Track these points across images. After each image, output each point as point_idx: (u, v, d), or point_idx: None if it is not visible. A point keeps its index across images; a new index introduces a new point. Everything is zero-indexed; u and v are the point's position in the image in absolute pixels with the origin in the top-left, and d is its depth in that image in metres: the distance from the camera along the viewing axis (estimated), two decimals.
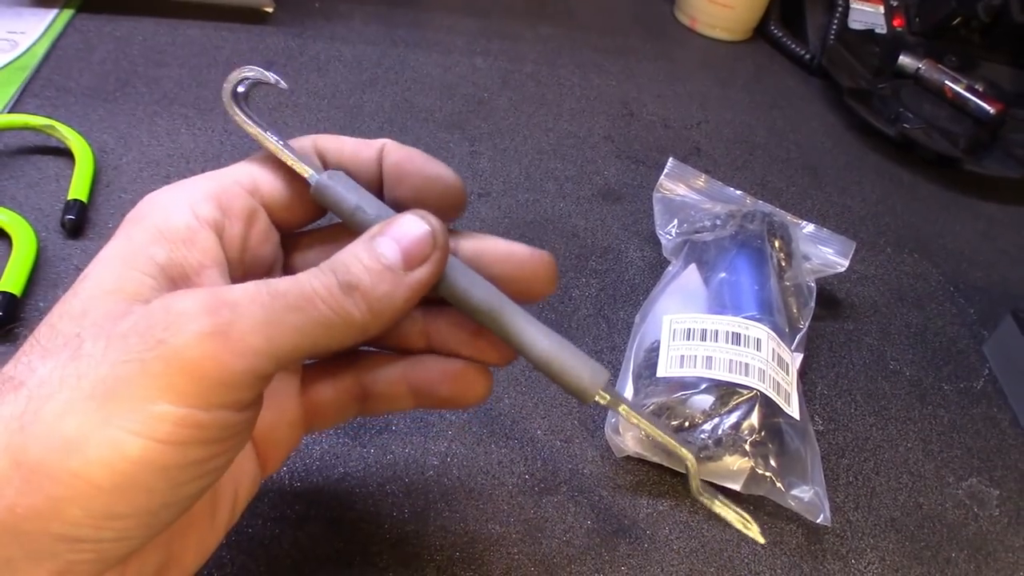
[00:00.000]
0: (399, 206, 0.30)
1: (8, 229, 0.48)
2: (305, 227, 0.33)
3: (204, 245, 0.28)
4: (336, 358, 0.34)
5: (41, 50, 0.64)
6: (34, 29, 0.66)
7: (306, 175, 0.30)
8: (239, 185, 0.30)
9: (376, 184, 0.31)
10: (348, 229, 0.30)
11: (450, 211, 0.31)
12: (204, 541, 0.29)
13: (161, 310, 0.24)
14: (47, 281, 0.47)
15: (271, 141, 0.30)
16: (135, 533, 0.24)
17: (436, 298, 0.30)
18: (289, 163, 0.30)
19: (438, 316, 0.33)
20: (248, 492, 0.31)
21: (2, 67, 0.62)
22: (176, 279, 0.27)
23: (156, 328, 0.23)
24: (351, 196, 0.29)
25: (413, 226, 0.27)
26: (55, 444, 0.22)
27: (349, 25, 0.73)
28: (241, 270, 0.30)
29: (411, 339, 0.33)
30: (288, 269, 0.33)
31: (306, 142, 0.31)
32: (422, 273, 0.27)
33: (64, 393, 0.23)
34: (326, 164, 0.32)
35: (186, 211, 0.28)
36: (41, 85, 0.61)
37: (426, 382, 0.33)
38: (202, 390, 0.23)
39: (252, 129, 0.30)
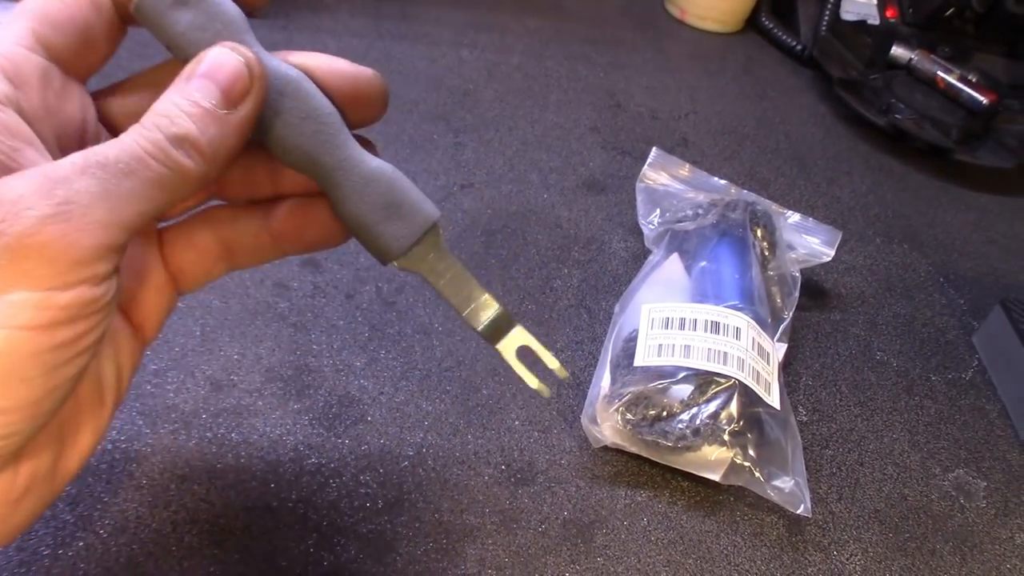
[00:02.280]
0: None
1: None
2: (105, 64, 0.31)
3: (8, 126, 0.26)
4: (191, 217, 0.33)
5: None
6: None
7: None
8: (22, 46, 0.27)
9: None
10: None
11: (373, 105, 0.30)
12: (96, 422, 0.29)
13: None
14: None
15: None
16: (21, 427, 0.24)
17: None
18: None
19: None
20: (131, 365, 0.30)
21: None
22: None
23: None
24: (175, 24, 0.27)
25: (225, 59, 0.26)
26: None
27: (335, 17, 0.73)
28: (52, 138, 0.28)
29: (260, 186, 0.32)
30: (106, 118, 0.31)
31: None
32: (246, 109, 0.26)
33: None
34: None
35: (10, 49, 0.26)
36: None
37: (287, 227, 0.32)
38: (56, 272, 0.23)
39: None
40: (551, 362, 0.32)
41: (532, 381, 0.32)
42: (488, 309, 0.31)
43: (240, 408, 0.43)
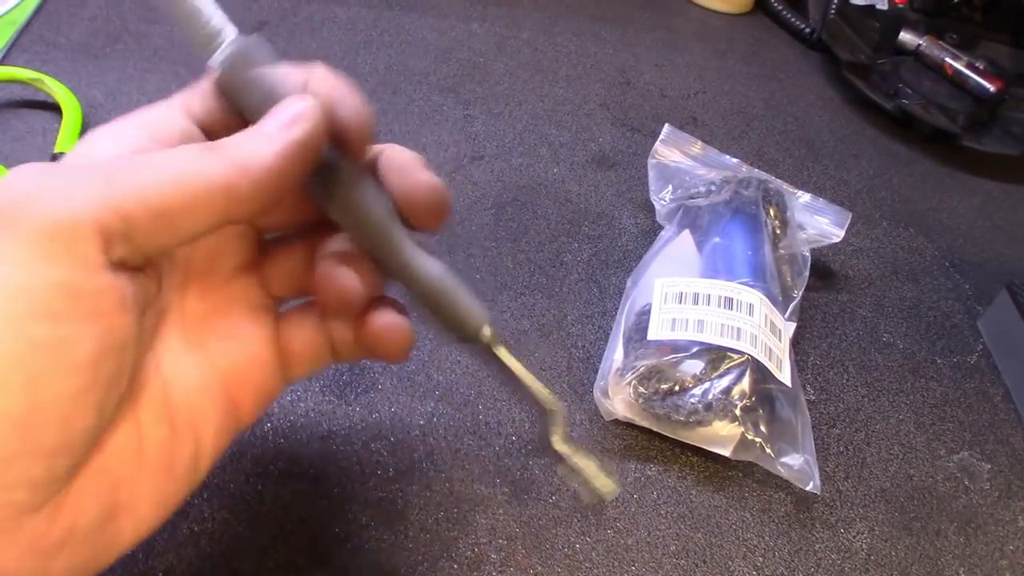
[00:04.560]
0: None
1: None
2: None
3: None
4: (308, 302, 0.33)
5: (32, 4, 0.63)
6: None
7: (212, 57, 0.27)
8: (172, 109, 0.28)
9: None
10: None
11: (356, 144, 0.29)
12: (162, 491, 0.27)
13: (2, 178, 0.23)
14: None
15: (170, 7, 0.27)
16: (12, 449, 0.21)
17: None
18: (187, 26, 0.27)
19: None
20: (216, 442, 0.29)
21: None
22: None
23: None
24: (257, 88, 0.27)
25: (292, 101, 0.26)
26: None
27: None
28: None
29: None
30: None
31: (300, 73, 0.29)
32: (295, 131, 0.25)
33: None
34: None
35: (108, 143, 0.26)
36: (30, 40, 0.60)
37: (370, 328, 0.31)
38: (28, 242, 0.21)
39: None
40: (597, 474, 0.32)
41: (594, 480, 0.32)
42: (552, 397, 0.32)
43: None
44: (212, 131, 0.28)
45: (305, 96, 0.26)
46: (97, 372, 0.23)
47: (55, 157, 0.49)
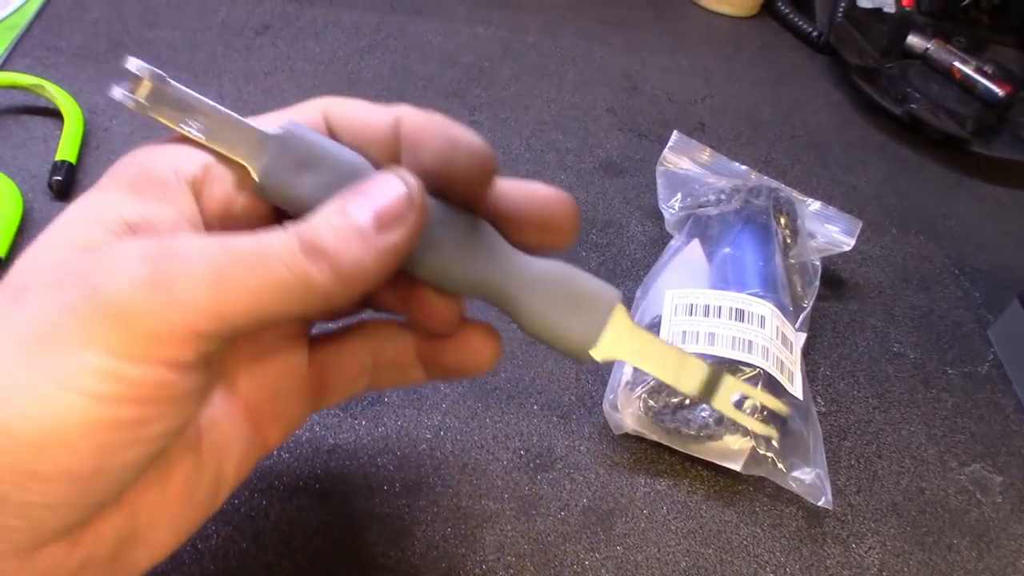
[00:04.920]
0: (419, 173, 0.26)
1: None
2: None
3: (178, 203, 0.25)
4: (344, 327, 0.32)
5: (33, 8, 0.63)
6: None
7: (249, 167, 0.26)
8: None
9: (388, 152, 0.27)
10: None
11: (479, 181, 0.27)
12: (180, 518, 0.26)
13: (104, 255, 0.22)
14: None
15: (190, 131, 0.26)
16: (64, 499, 0.22)
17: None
18: (224, 156, 0.27)
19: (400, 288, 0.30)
20: (238, 470, 0.28)
21: None
22: (139, 232, 0.24)
23: (92, 274, 0.22)
24: (302, 190, 0.26)
25: (388, 185, 0.25)
26: None
27: None
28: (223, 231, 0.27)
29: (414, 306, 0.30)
30: None
31: (314, 106, 0.28)
32: (396, 237, 0.24)
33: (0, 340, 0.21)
34: (333, 131, 0.28)
35: (166, 168, 0.26)
36: (31, 44, 0.60)
37: (433, 349, 0.31)
38: (134, 342, 0.21)
39: (174, 125, 0.27)
40: (772, 403, 0.32)
41: (757, 427, 0.31)
42: (697, 372, 0.29)
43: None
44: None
45: (400, 174, 0.25)
46: (160, 444, 0.23)
47: (56, 165, 0.49)
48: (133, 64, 0.26)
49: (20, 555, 0.22)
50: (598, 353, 0.28)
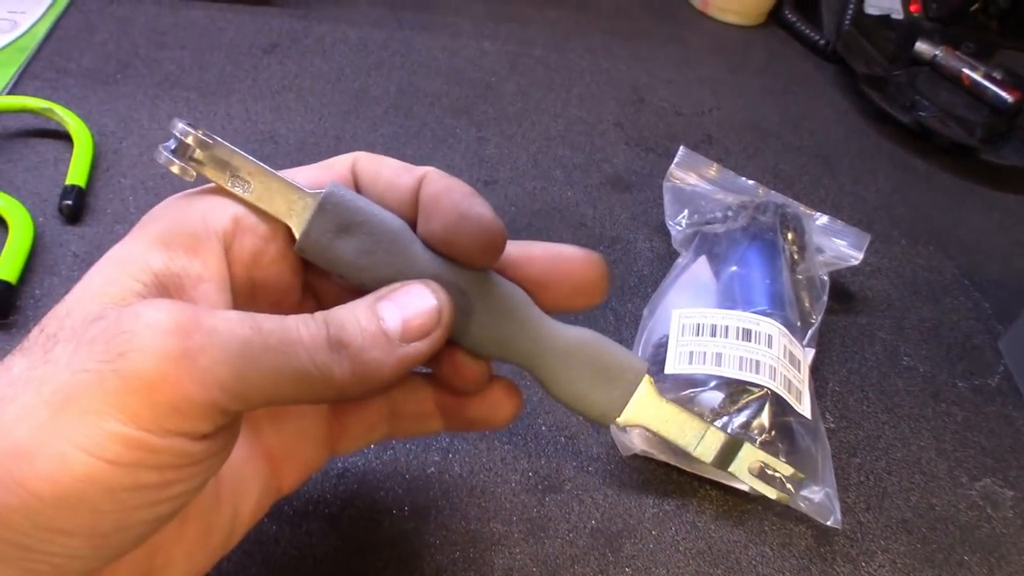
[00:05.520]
0: (429, 240, 0.28)
1: (4, 214, 0.47)
2: None
3: (207, 257, 0.26)
4: None
5: (42, 31, 0.63)
6: (35, 9, 0.65)
7: (291, 226, 0.27)
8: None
9: (410, 212, 0.29)
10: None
11: (483, 254, 0.28)
12: (195, 558, 0.27)
13: (131, 318, 0.22)
14: (44, 268, 0.46)
15: (236, 191, 0.27)
16: (85, 552, 0.22)
17: None
18: (267, 215, 0.27)
19: None
20: (253, 512, 0.29)
21: (2, 48, 0.61)
22: (170, 288, 0.25)
23: (121, 338, 0.22)
24: (342, 254, 0.27)
25: (421, 298, 0.26)
26: (5, 449, 0.21)
27: (354, 7, 0.72)
28: (249, 288, 0.28)
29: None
30: (310, 296, 0.31)
31: (345, 161, 0.29)
32: (417, 348, 0.26)
33: (25, 397, 0.22)
34: (359, 187, 0.29)
35: (196, 219, 0.26)
36: (41, 66, 0.60)
37: (454, 401, 0.32)
38: (156, 414, 0.22)
39: (220, 184, 0.27)
40: (786, 470, 0.33)
41: (772, 493, 0.33)
42: (714, 440, 0.31)
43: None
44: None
45: (433, 288, 0.26)
46: (182, 502, 0.24)
47: (67, 189, 0.49)
48: (178, 127, 0.27)
49: None
50: (622, 420, 0.30)
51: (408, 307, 0.26)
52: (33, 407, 0.22)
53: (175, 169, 0.27)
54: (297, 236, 0.27)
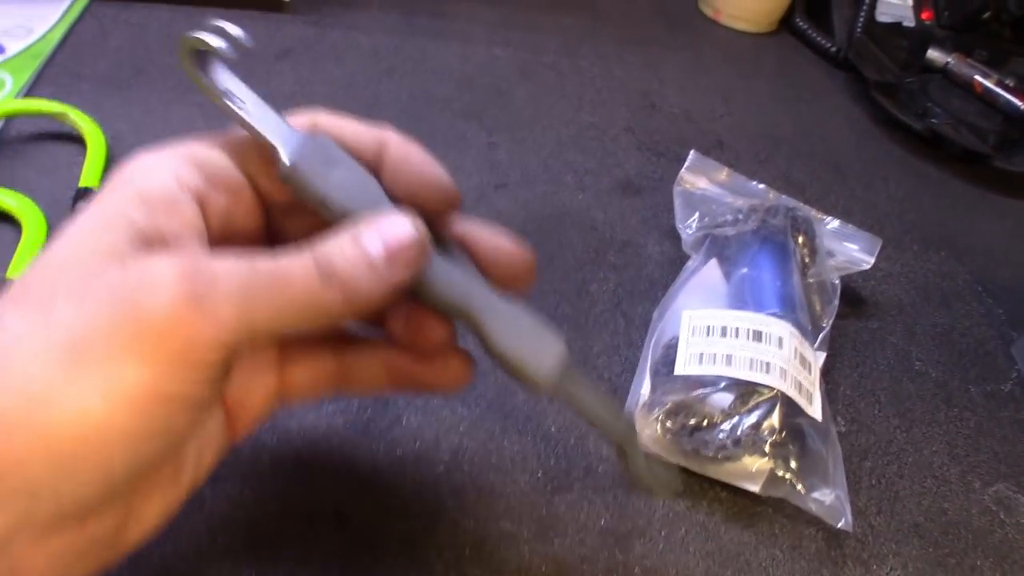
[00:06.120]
0: (393, 194, 0.30)
1: (18, 215, 0.48)
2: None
3: (184, 213, 0.27)
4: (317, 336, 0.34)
5: (56, 37, 0.64)
6: (50, 16, 0.65)
7: (280, 152, 0.29)
8: (227, 156, 0.30)
9: (372, 172, 0.30)
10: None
11: (443, 210, 0.31)
12: (167, 500, 0.29)
13: (138, 271, 0.24)
14: None
15: (237, 111, 0.29)
16: (93, 493, 0.24)
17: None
18: (258, 135, 0.29)
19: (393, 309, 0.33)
20: (213, 457, 0.31)
21: (17, 54, 0.62)
22: (153, 243, 0.26)
23: (131, 289, 0.24)
24: (324, 184, 0.29)
25: (401, 227, 0.27)
26: (22, 397, 0.22)
27: (368, 14, 0.73)
28: (222, 242, 0.29)
29: (395, 324, 0.33)
30: (274, 241, 0.33)
31: (305, 117, 0.31)
32: (401, 275, 0.27)
33: (35, 346, 0.23)
34: None
35: (169, 177, 0.28)
36: (55, 72, 0.61)
37: (404, 364, 0.34)
38: (171, 357, 0.23)
39: (215, 97, 0.29)
40: (664, 472, 0.37)
41: (658, 488, 0.37)
42: (624, 424, 0.35)
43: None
44: (261, 186, 0.31)
45: (413, 220, 0.28)
46: (179, 442, 0.27)
47: (80, 192, 0.49)
48: (224, 27, 0.28)
49: (39, 541, 0.24)
50: (551, 387, 0.32)
51: (389, 236, 0.27)
52: (47, 357, 0.23)
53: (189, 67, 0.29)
54: (287, 163, 0.29)
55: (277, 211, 0.32)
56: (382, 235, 0.27)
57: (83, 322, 0.23)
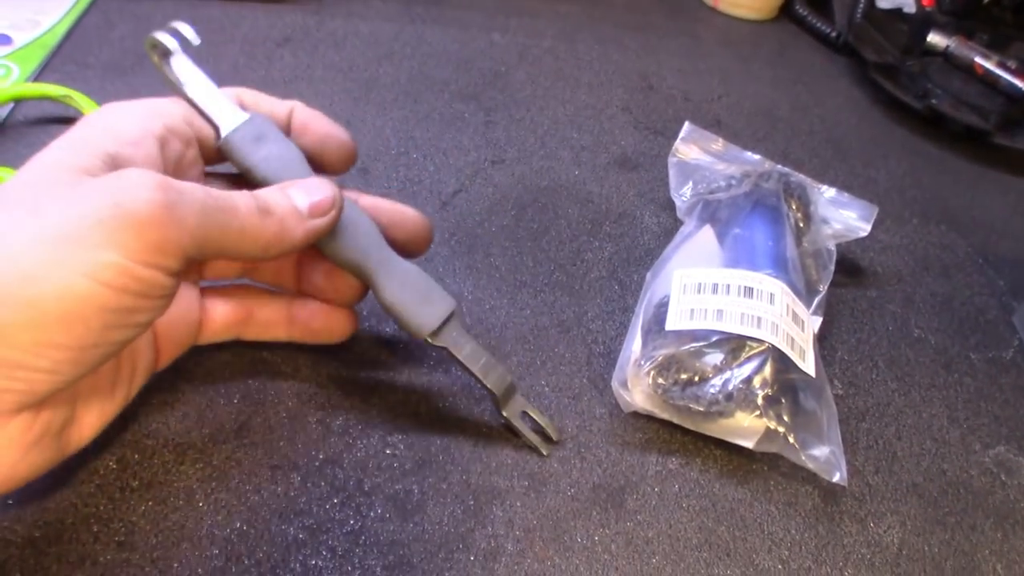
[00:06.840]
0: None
1: None
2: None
3: (148, 151, 0.33)
4: (230, 284, 0.42)
5: (63, 28, 0.65)
6: (57, 9, 0.66)
7: (220, 127, 0.36)
8: (181, 117, 0.36)
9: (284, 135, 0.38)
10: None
11: (342, 162, 0.40)
12: (104, 409, 0.34)
13: (117, 179, 0.29)
14: None
15: (186, 94, 0.36)
16: (65, 368, 0.28)
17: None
18: (203, 114, 0.37)
19: (311, 266, 0.41)
20: (143, 375, 0.36)
21: (24, 45, 0.62)
22: (120, 168, 0.31)
23: (113, 191, 0.28)
24: (252, 156, 0.36)
25: (321, 186, 0.35)
26: (13, 275, 0.27)
27: (367, 2, 0.73)
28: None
29: (288, 280, 0.41)
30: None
31: (231, 93, 0.38)
32: (319, 223, 0.35)
33: (25, 236, 0.27)
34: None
35: (136, 119, 0.34)
36: (61, 61, 0.62)
37: (301, 315, 0.41)
38: (145, 248, 0.28)
39: (169, 84, 0.37)
40: (547, 426, 0.41)
41: (533, 439, 0.41)
42: (501, 378, 0.40)
43: (269, 367, 0.43)
44: (203, 146, 0.37)
45: (330, 185, 0.35)
46: (140, 331, 0.31)
47: None
48: (178, 27, 0.37)
49: (2, 424, 0.29)
50: (432, 336, 0.38)
51: (312, 192, 0.35)
52: (37, 243, 0.27)
53: (155, 56, 0.37)
54: (223, 136, 0.36)
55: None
56: (308, 191, 0.34)
57: (68, 216, 0.27)
